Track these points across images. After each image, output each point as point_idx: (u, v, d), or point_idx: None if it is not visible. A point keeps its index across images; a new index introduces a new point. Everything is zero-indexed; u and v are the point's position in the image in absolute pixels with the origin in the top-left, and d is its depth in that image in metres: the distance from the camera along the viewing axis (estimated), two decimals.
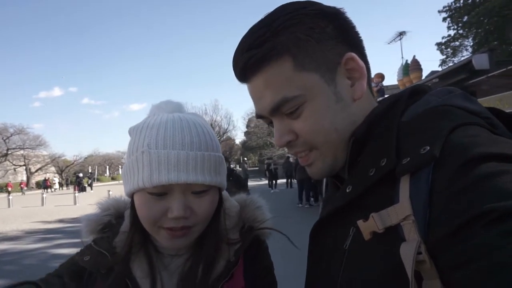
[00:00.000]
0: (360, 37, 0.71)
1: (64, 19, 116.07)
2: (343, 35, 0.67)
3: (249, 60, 0.65)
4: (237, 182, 6.97)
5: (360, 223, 0.57)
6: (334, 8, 0.68)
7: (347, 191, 0.63)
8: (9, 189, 35.63)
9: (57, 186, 45.58)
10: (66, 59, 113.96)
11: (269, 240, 0.99)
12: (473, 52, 17.40)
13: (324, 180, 0.95)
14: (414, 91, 0.68)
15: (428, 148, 0.52)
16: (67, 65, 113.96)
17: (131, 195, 0.84)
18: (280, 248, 1.02)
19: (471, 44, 23.35)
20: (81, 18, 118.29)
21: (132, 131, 0.85)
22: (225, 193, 0.95)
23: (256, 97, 0.70)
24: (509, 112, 0.63)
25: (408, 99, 0.66)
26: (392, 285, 0.51)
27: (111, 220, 0.93)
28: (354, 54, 0.66)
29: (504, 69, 7.37)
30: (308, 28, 0.64)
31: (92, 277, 0.83)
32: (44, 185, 42.50)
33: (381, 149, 0.61)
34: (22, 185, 41.42)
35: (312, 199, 13.93)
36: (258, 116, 0.74)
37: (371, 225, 0.55)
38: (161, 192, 0.78)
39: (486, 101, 8.26)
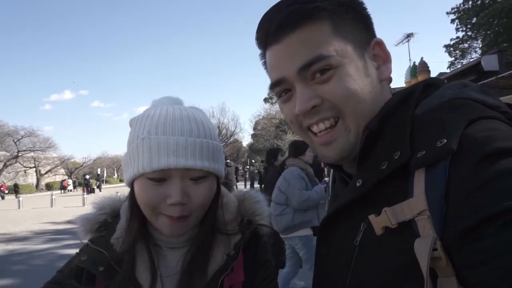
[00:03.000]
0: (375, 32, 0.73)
1: (77, 21, 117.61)
2: (370, 24, 0.70)
3: (292, 14, 0.64)
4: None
5: (372, 218, 0.56)
6: (364, 2, 0.71)
7: (358, 185, 0.62)
8: (4, 190, 37.23)
9: (71, 187, 46.37)
10: (78, 62, 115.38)
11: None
12: (482, 54, 17.21)
13: (331, 175, 0.94)
14: (429, 84, 0.67)
15: (445, 141, 0.50)
16: (79, 68, 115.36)
17: (131, 183, 0.85)
18: None
19: (480, 45, 23.14)
20: (93, 21, 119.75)
21: (133, 121, 0.88)
22: (223, 189, 0.96)
23: (283, 57, 0.66)
24: None
25: (422, 92, 0.65)
26: (406, 282, 0.50)
27: (107, 219, 0.93)
28: (382, 40, 0.69)
29: None
30: (347, 3, 0.66)
31: (90, 277, 0.83)
32: (62, 186, 45.66)
33: (394, 142, 0.59)
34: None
35: None
36: (277, 81, 0.69)
37: (383, 220, 0.54)
38: (160, 178, 0.79)
39: None
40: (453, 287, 0.45)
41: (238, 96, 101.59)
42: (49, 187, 49.26)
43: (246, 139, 65.09)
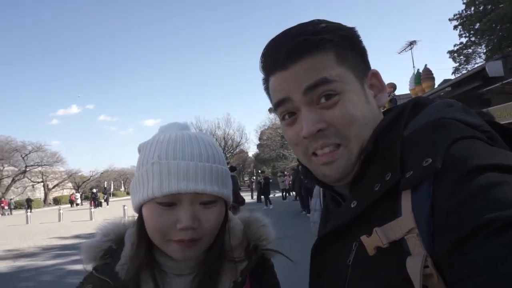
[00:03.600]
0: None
1: (83, 35, 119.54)
2: (366, 56, 0.75)
3: (300, 43, 0.67)
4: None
5: (364, 238, 0.57)
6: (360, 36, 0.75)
7: (352, 206, 0.63)
8: (4, 206, 37.66)
9: (79, 201, 46.49)
10: (85, 76, 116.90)
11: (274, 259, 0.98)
12: (487, 59, 17.19)
13: (321, 194, 0.94)
14: (417, 103, 0.70)
15: (431, 160, 0.52)
16: (86, 82, 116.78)
17: (140, 208, 0.85)
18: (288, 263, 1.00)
19: (484, 51, 23.05)
20: (99, 34, 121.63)
21: (142, 147, 0.89)
22: (229, 212, 0.95)
23: (291, 79, 0.68)
24: (504, 124, 0.64)
25: (410, 111, 0.68)
26: None
27: (111, 246, 0.91)
28: (378, 71, 0.74)
29: None
30: (348, 36, 0.71)
31: None
32: (70, 200, 46.00)
33: (386, 163, 0.61)
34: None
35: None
36: (281, 100, 0.71)
37: (375, 240, 0.55)
38: (170, 202, 0.79)
39: (502, 109, 8.10)
40: None
41: (243, 106, 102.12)
42: (56, 201, 49.50)
43: (252, 149, 65.28)
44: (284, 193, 24.32)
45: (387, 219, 0.55)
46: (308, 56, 0.67)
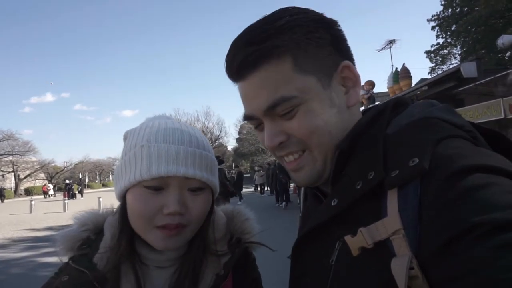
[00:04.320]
0: (350, 49, 0.72)
1: (59, 22, 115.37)
2: (339, 45, 0.69)
3: (249, 56, 0.64)
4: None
5: (348, 238, 0.56)
6: (331, 18, 0.70)
7: (333, 204, 0.62)
8: None
9: (52, 192, 44.89)
10: (59, 63, 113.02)
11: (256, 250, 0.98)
12: (462, 60, 17.70)
13: (302, 191, 0.94)
14: (397, 103, 0.69)
15: (418, 160, 0.52)
16: (61, 70, 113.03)
17: (123, 195, 0.83)
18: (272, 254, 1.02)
19: (459, 52, 23.78)
20: (78, 22, 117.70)
21: (129, 133, 0.87)
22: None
23: (250, 96, 0.68)
24: (484, 127, 0.64)
25: (391, 111, 0.67)
26: None
27: (90, 236, 0.88)
28: (350, 63, 0.68)
29: (492, 77, 7.51)
30: (310, 32, 0.65)
31: None
32: (43, 191, 43.98)
33: (367, 161, 0.60)
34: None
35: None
36: (248, 117, 0.72)
37: (359, 240, 0.54)
38: (158, 186, 0.78)
39: (474, 109, 8.40)
40: None
41: (223, 100, 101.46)
42: (28, 192, 47.87)
43: (231, 143, 64.95)
44: (261, 188, 24.41)
45: (371, 218, 0.54)
46: (262, 65, 0.64)
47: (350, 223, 0.58)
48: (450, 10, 23.43)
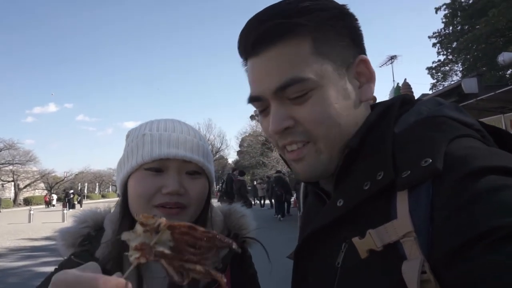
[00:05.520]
0: (364, 45, 0.70)
1: (64, 32, 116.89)
2: (357, 39, 0.67)
3: (269, 30, 0.61)
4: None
5: (356, 240, 0.54)
6: (353, 14, 0.68)
7: (338, 205, 0.60)
8: None
9: (54, 202, 44.59)
10: (63, 74, 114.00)
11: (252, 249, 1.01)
12: (463, 77, 17.84)
13: (302, 189, 0.93)
14: (404, 100, 0.68)
15: (430, 161, 0.50)
16: (65, 80, 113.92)
17: (126, 182, 0.87)
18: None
19: (461, 69, 23.98)
20: (80, 33, 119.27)
21: (131, 131, 0.94)
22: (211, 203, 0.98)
23: (261, 73, 0.65)
24: (490, 125, 0.63)
25: (399, 108, 0.66)
26: None
27: (90, 232, 0.90)
28: (367, 58, 0.67)
29: (493, 93, 7.55)
30: (332, 18, 0.63)
31: None
32: (45, 201, 43.90)
33: (376, 161, 0.58)
34: None
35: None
36: (254, 98, 0.68)
37: (368, 242, 0.52)
38: (158, 168, 0.83)
39: None
40: None
41: (225, 113, 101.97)
42: (27, 202, 47.66)
43: (231, 156, 64.97)
44: (262, 201, 24.32)
45: (379, 219, 0.53)
46: (281, 42, 0.62)
47: (357, 224, 0.57)
48: (451, 28, 23.79)
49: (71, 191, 36.58)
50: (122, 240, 0.82)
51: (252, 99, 0.69)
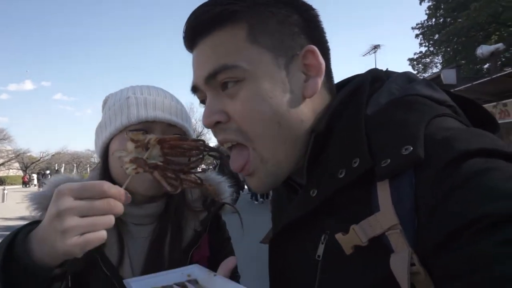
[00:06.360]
0: (325, 37, 0.66)
1: (44, 7, 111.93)
2: (309, 28, 0.63)
3: (204, 20, 0.60)
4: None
5: (339, 237, 0.52)
6: (307, 3, 0.65)
7: (312, 195, 0.57)
8: None
9: (36, 182, 43.19)
10: (42, 51, 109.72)
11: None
12: (442, 69, 18.18)
13: None
14: (374, 77, 0.64)
15: (411, 148, 0.47)
16: (43, 57, 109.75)
17: (107, 145, 0.86)
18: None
19: (441, 61, 24.44)
20: (61, 9, 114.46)
21: (110, 96, 0.94)
22: None
23: (197, 62, 0.63)
24: (456, 94, 0.62)
25: (369, 86, 0.61)
26: None
27: None
28: (315, 48, 0.61)
29: (470, 84, 7.76)
30: (274, 5, 0.60)
31: None
32: (23, 181, 43.39)
33: (349, 147, 0.55)
34: None
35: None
36: (192, 88, 0.66)
37: (353, 238, 0.50)
38: (143, 130, 0.83)
39: None
40: None
41: None
42: (1, 181, 46.32)
43: (213, 140, 64.60)
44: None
45: (359, 210, 0.51)
46: (216, 30, 0.59)
47: (336, 215, 0.55)
48: (434, 20, 24.05)
49: (48, 171, 35.70)
50: None
51: (192, 89, 0.67)
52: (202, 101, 0.67)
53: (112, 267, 0.79)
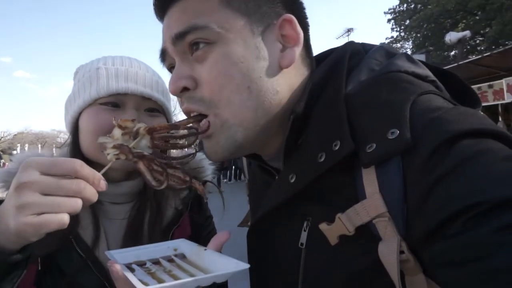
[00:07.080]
0: (305, 12, 0.63)
1: None
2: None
3: None
4: None
5: (323, 227, 0.50)
6: None
7: (291, 181, 0.55)
8: None
9: (3, 161, 40.92)
10: (1, 25, 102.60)
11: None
12: (412, 54, 18.59)
13: (244, 159, 0.89)
14: (353, 51, 0.61)
15: (398, 132, 0.45)
16: (2, 32, 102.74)
17: (76, 119, 0.81)
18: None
19: (411, 47, 24.99)
20: None
21: (81, 67, 0.87)
22: None
23: (167, 25, 0.59)
24: (435, 66, 0.61)
25: (348, 63, 0.58)
26: (372, 285, 0.47)
27: None
28: (293, 17, 0.58)
29: None
30: None
31: None
32: None
33: (329, 128, 0.52)
34: None
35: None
36: (160, 52, 0.63)
37: (339, 228, 0.48)
38: (115, 103, 0.78)
39: None
40: (421, 282, 0.44)
41: None
42: None
43: None
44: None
45: (345, 198, 0.49)
46: None
47: (318, 202, 0.53)
48: (405, 5, 24.42)
49: (14, 151, 34.03)
50: None
51: (160, 56, 0.64)
52: (170, 69, 0.64)
53: (87, 248, 0.76)
